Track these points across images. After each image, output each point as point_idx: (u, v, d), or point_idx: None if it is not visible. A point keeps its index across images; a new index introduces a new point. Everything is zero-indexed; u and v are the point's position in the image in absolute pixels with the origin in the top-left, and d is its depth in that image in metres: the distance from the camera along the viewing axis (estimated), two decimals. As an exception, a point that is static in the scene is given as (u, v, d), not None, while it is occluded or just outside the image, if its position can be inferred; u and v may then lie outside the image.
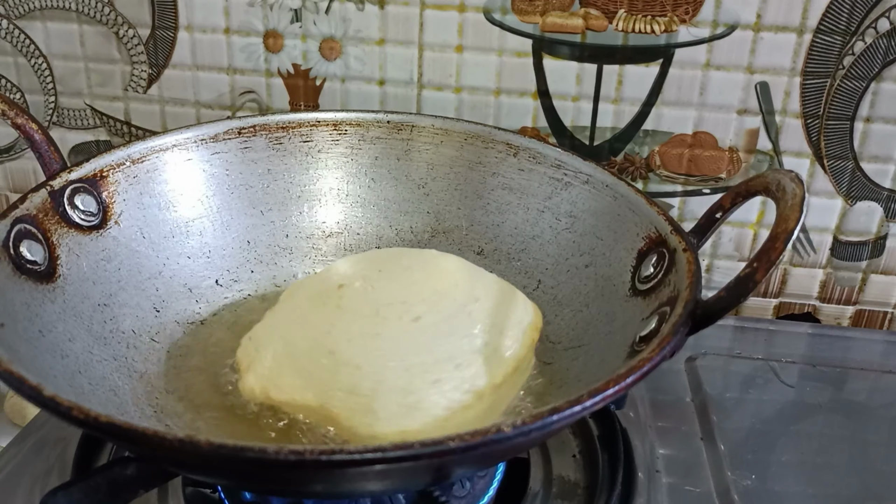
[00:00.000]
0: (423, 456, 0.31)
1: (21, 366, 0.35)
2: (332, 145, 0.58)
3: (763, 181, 0.41)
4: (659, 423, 0.55)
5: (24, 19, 0.68)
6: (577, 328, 0.49)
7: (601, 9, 0.61)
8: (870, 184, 0.64)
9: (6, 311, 0.40)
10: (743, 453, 0.52)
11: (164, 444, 0.31)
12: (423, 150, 0.58)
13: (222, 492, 0.46)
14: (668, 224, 0.45)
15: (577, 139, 0.65)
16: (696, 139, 0.64)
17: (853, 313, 0.69)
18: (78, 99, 0.71)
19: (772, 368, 0.61)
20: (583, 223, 0.52)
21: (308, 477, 0.35)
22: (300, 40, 0.66)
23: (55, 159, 0.49)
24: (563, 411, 0.33)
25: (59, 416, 0.33)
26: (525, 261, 0.54)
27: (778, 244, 0.36)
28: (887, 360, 0.64)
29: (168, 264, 0.52)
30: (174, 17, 0.66)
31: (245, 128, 0.56)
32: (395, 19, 0.64)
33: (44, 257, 0.45)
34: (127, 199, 0.51)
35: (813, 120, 0.62)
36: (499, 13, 0.62)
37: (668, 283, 0.43)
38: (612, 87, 0.63)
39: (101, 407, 0.34)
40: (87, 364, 0.43)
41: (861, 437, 0.55)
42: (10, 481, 0.49)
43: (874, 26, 0.59)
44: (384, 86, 0.66)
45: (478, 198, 0.56)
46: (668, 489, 0.49)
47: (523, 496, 0.48)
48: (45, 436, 0.52)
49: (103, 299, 0.48)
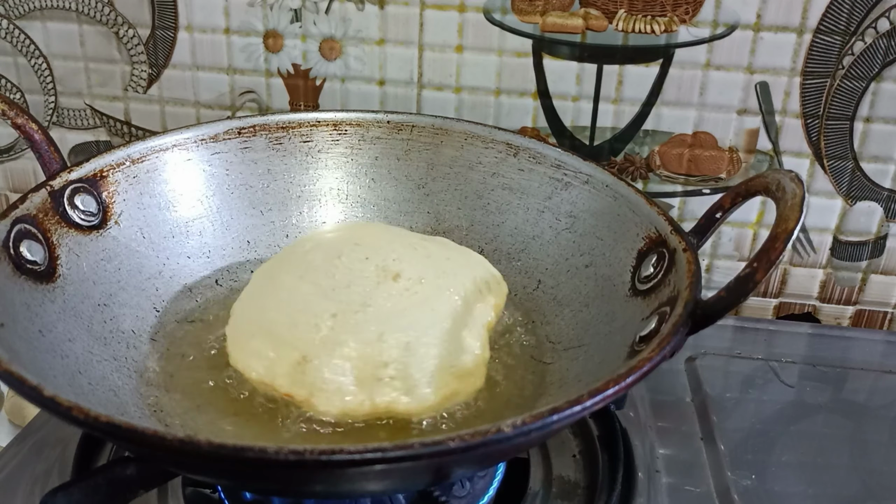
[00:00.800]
0: (423, 456, 0.31)
1: (21, 366, 0.35)
2: (332, 145, 0.58)
3: (763, 181, 0.41)
4: (659, 423, 0.55)
5: (24, 19, 0.68)
6: (577, 328, 0.49)
7: (601, 9, 0.61)
8: (870, 184, 0.64)
9: (6, 311, 0.40)
10: (743, 453, 0.52)
11: (164, 444, 0.31)
12: (423, 150, 0.58)
13: (222, 492, 0.46)
14: (668, 224, 0.45)
15: (577, 139, 0.65)
16: (696, 139, 0.64)
17: (853, 313, 0.69)
18: (78, 99, 0.71)
19: (772, 368, 0.61)
20: (583, 223, 0.52)
21: (308, 477, 0.35)
22: (300, 40, 0.66)
23: (55, 159, 0.49)
24: (563, 411, 0.33)
25: (59, 416, 0.33)
26: (525, 261, 0.54)
27: (778, 244, 0.37)
28: (887, 360, 0.64)
29: (168, 264, 0.52)
30: (174, 17, 0.66)
31: (245, 128, 0.56)
32: (395, 19, 0.64)
33: (44, 257, 0.45)
34: (127, 199, 0.51)
35: (813, 120, 0.62)
36: (499, 13, 0.62)
37: (668, 283, 0.43)
38: (612, 87, 0.63)
39: (101, 407, 0.34)
40: (87, 364, 0.43)
41: (861, 437, 0.55)
42: (10, 481, 0.49)
43: (874, 26, 0.59)
44: (384, 86, 0.66)
45: (478, 198, 0.56)
46: (668, 489, 0.49)
47: (523, 496, 0.48)
48: (45, 436, 0.52)
49: (103, 299, 0.48)
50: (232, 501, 0.46)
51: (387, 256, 0.48)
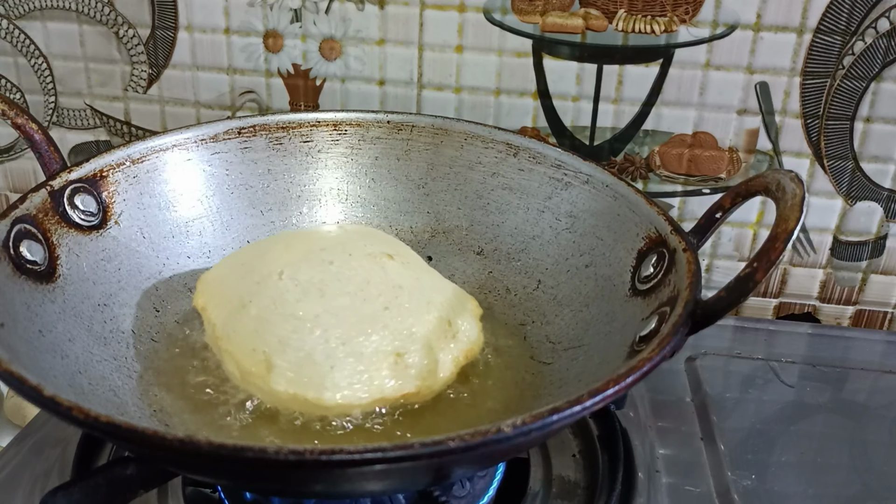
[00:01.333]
0: (423, 456, 0.31)
1: (21, 366, 0.35)
2: (332, 145, 0.58)
3: (763, 181, 0.41)
4: (659, 423, 0.55)
5: (24, 19, 0.68)
6: (577, 328, 0.49)
7: (601, 9, 0.61)
8: (870, 184, 0.64)
9: (6, 311, 0.40)
10: (743, 453, 0.52)
11: (164, 444, 0.31)
12: (423, 150, 0.58)
13: (222, 492, 0.46)
14: (668, 224, 0.45)
15: (577, 139, 0.65)
16: (696, 139, 0.64)
17: (853, 313, 0.69)
18: (78, 99, 0.71)
19: (772, 368, 0.61)
20: (583, 223, 0.52)
21: (308, 477, 0.35)
22: (300, 40, 0.66)
23: (55, 159, 0.49)
24: (563, 411, 0.33)
25: (59, 416, 0.33)
26: (525, 261, 0.54)
27: (778, 244, 0.37)
28: (887, 360, 0.64)
29: (168, 264, 0.52)
30: (174, 17, 0.66)
31: (245, 128, 0.56)
32: (395, 19, 0.64)
33: (44, 257, 0.45)
34: (127, 199, 0.51)
35: (813, 120, 0.62)
36: (499, 13, 0.62)
37: (668, 283, 0.43)
38: (612, 87, 0.63)
39: (101, 407, 0.35)
40: (87, 364, 0.43)
41: (861, 437, 0.55)
42: (10, 481, 0.49)
43: (874, 26, 0.59)
44: (384, 86, 0.66)
45: (478, 198, 0.56)
46: (668, 489, 0.49)
47: (523, 496, 0.48)
48: (45, 436, 0.52)
49: (103, 299, 0.48)
50: (232, 501, 0.46)
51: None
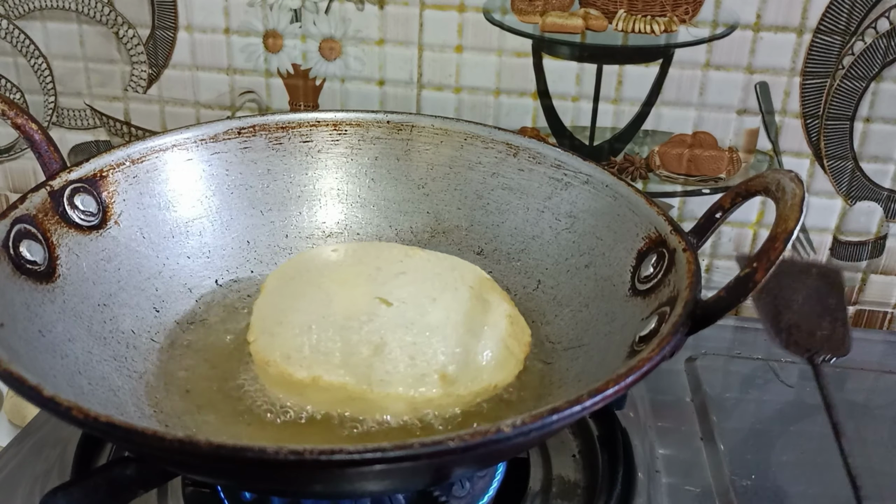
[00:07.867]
0: (423, 456, 0.31)
1: (21, 366, 0.35)
2: (331, 145, 0.58)
3: (763, 181, 0.41)
4: (659, 423, 0.55)
5: (24, 19, 0.68)
6: (577, 328, 0.49)
7: (601, 9, 0.61)
8: (869, 184, 0.64)
9: (6, 311, 0.40)
10: (743, 453, 0.52)
11: (164, 444, 0.31)
12: (422, 150, 0.58)
13: (222, 492, 0.46)
14: (667, 224, 0.45)
15: (577, 139, 0.65)
16: (696, 139, 0.64)
17: (853, 313, 0.69)
18: (78, 99, 0.71)
19: (772, 368, 0.61)
20: (583, 223, 0.52)
21: (308, 477, 0.35)
22: (300, 40, 0.66)
23: (55, 159, 0.49)
24: (563, 411, 0.33)
25: (59, 416, 0.33)
26: (525, 261, 0.54)
27: (778, 244, 0.37)
28: (887, 360, 0.64)
29: (168, 264, 0.52)
30: (174, 17, 0.66)
31: (245, 128, 0.56)
32: (395, 19, 0.64)
33: (44, 257, 0.45)
34: (127, 199, 0.51)
35: (813, 120, 0.62)
36: (499, 13, 0.62)
37: (667, 283, 0.43)
38: (612, 87, 0.63)
39: (101, 407, 0.35)
40: (87, 364, 0.43)
41: (861, 437, 0.55)
42: (10, 481, 0.49)
43: (874, 26, 0.59)
44: (384, 86, 0.66)
45: (478, 198, 0.56)
46: (668, 489, 0.49)
47: (523, 496, 0.48)
48: (45, 436, 0.52)
49: (103, 299, 0.48)
50: (232, 501, 0.46)
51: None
